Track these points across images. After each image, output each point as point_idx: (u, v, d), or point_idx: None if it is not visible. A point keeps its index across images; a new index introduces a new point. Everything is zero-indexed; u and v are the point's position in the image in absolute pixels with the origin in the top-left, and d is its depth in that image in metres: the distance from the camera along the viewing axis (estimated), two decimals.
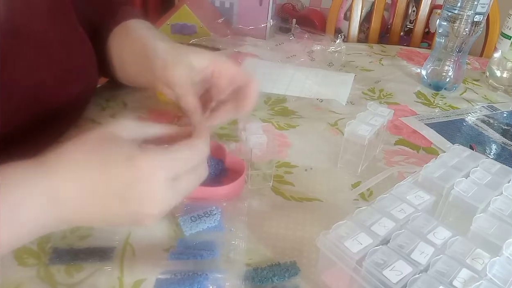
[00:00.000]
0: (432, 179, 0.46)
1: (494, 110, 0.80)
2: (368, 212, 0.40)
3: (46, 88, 0.51)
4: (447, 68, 0.83)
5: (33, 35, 0.50)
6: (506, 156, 0.66)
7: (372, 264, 0.34)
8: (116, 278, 0.39)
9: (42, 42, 0.51)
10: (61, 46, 0.54)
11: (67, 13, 0.56)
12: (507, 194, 0.44)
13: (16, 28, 0.48)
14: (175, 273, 0.39)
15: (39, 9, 0.51)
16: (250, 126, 0.53)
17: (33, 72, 0.50)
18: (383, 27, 1.46)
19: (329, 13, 1.27)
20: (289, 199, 0.52)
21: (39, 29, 0.51)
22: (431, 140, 0.68)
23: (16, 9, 0.47)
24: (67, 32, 0.56)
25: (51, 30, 0.52)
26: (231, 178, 0.52)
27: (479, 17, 0.76)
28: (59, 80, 0.53)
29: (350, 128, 0.54)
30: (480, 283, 0.33)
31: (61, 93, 0.54)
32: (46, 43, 0.52)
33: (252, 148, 0.50)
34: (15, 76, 0.48)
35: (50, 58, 0.52)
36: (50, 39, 0.52)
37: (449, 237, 0.38)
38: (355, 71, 0.90)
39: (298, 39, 0.97)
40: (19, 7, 0.48)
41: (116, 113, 0.66)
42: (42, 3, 0.51)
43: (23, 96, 0.48)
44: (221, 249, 0.43)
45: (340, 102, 0.76)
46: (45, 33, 0.51)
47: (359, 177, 0.57)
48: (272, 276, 0.40)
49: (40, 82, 0.51)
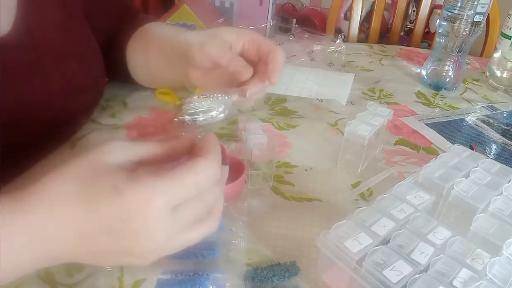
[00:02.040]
0: (432, 179, 0.46)
1: (494, 110, 0.80)
2: (368, 212, 0.40)
3: (59, 99, 0.53)
4: (447, 68, 0.83)
5: (49, 47, 0.51)
6: (506, 156, 0.66)
7: (372, 264, 0.34)
8: (116, 278, 0.39)
9: (57, 54, 0.52)
10: (75, 58, 0.55)
11: (80, 25, 0.57)
12: (507, 194, 0.44)
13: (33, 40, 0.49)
14: (176, 273, 0.39)
15: (55, 22, 0.52)
16: (250, 126, 0.53)
17: (48, 83, 0.51)
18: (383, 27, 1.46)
19: (329, 13, 1.27)
20: (289, 199, 0.52)
21: (55, 41, 0.52)
22: (431, 140, 0.68)
23: (33, 22, 0.48)
24: (81, 43, 0.57)
25: (65, 42, 0.53)
26: (231, 178, 0.52)
27: (479, 17, 0.76)
28: (71, 90, 0.54)
29: (350, 128, 0.54)
30: (480, 283, 0.33)
31: (72, 102, 0.55)
32: (61, 55, 0.53)
33: (252, 148, 0.50)
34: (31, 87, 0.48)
35: (64, 69, 0.53)
36: (65, 51, 0.53)
37: (449, 237, 0.38)
38: (355, 71, 0.90)
39: (298, 39, 0.97)
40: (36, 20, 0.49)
41: (116, 113, 0.66)
42: (57, 16, 0.52)
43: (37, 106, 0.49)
44: (222, 248, 0.43)
45: (340, 102, 0.76)
46: (60, 45, 0.52)
47: (359, 177, 0.57)
48: (272, 276, 0.40)
49: (54, 92, 0.52)
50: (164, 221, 0.31)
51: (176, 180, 0.31)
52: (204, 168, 0.32)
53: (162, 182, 0.31)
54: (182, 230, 0.33)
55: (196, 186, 0.32)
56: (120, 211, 0.30)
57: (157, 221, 0.31)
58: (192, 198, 0.32)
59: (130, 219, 0.30)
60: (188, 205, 0.32)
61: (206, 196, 0.33)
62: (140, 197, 0.30)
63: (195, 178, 0.32)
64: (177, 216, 0.32)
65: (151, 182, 0.30)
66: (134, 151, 0.34)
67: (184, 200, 0.32)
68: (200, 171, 0.32)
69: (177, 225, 0.32)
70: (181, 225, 0.32)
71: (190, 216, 0.33)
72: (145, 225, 0.31)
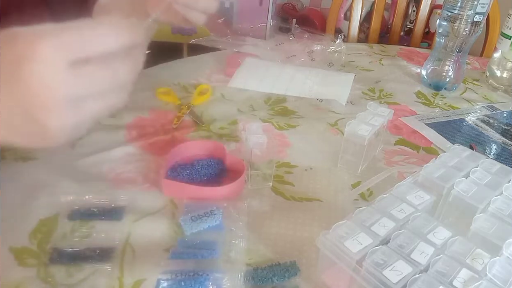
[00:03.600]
0: (432, 179, 0.46)
1: (494, 110, 0.80)
2: (368, 212, 0.40)
3: None
4: (447, 68, 0.83)
5: None
6: (506, 156, 0.66)
7: (372, 264, 0.34)
8: (116, 278, 0.39)
9: None
10: None
11: None
12: (507, 194, 0.44)
13: None
14: (176, 273, 0.39)
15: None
16: (250, 126, 0.53)
17: None
18: (383, 27, 1.46)
19: (329, 13, 1.27)
20: (289, 199, 0.52)
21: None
22: (431, 140, 0.68)
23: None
24: None
25: None
26: (231, 178, 0.52)
27: (479, 17, 0.76)
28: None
29: (350, 128, 0.54)
30: (480, 283, 0.33)
31: None
32: None
33: (252, 148, 0.50)
34: None
35: None
36: None
37: (449, 237, 0.38)
38: (355, 71, 0.90)
39: (298, 39, 0.97)
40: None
41: (116, 113, 0.66)
42: None
43: None
44: (222, 248, 0.43)
45: (340, 102, 0.76)
46: None
47: (359, 177, 0.57)
48: (272, 276, 0.40)
49: None
50: (56, 67, 0.28)
51: (73, 27, 0.29)
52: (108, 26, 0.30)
53: (59, 28, 0.28)
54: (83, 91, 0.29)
55: (97, 40, 0.29)
56: (10, 54, 0.28)
57: (49, 65, 0.28)
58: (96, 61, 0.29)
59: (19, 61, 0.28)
60: (90, 66, 0.29)
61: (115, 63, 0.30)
62: (28, 38, 0.28)
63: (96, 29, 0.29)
64: (76, 72, 0.28)
65: (48, 27, 0.28)
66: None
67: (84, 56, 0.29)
68: (104, 26, 0.29)
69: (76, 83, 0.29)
70: (80, 85, 0.29)
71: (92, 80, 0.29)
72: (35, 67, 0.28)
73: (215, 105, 0.71)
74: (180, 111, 0.67)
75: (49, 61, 0.28)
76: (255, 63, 0.87)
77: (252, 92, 0.77)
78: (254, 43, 0.98)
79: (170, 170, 0.53)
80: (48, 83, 0.28)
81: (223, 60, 0.88)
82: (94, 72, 0.29)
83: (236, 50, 0.94)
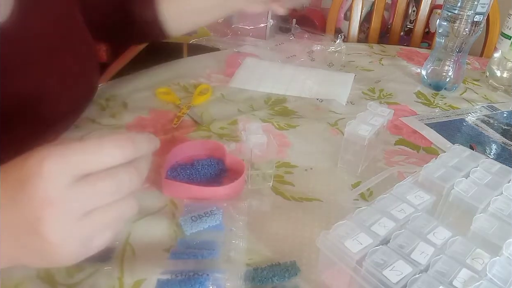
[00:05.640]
0: (432, 179, 0.46)
1: (494, 110, 0.80)
2: (368, 212, 0.40)
3: (52, 93, 0.52)
4: (447, 68, 0.83)
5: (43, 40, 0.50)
6: (506, 156, 0.66)
7: (372, 264, 0.34)
8: (116, 278, 0.39)
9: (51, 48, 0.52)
10: (68, 50, 0.54)
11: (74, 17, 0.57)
12: (507, 194, 0.44)
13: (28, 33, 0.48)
14: (176, 274, 0.39)
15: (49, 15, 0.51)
16: (250, 126, 0.53)
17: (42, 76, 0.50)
18: (383, 27, 1.46)
19: (329, 13, 1.27)
20: (289, 199, 0.52)
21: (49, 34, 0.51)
22: (431, 140, 0.68)
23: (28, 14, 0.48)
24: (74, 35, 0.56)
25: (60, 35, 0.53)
26: (231, 178, 0.52)
27: (479, 17, 0.76)
28: (64, 84, 0.54)
29: (350, 128, 0.54)
30: (480, 283, 0.33)
31: (65, 96, 0.54)
32: (55, 48, 0.52)
33: (252, 148, 0.50)
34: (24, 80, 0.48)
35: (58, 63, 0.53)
36: (59, 44, 0.53)
37: (449, 237, 0.38)
38: (355, 71, 0.90)
39: (298, 39, 0.97)
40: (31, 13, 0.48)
41: (116, 113, 0.66)
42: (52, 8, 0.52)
43: (29, 100, 0.48)
44: (222, 248, 0.43)
45: (340, 102, 0.76)
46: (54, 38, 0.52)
47: (359, 177, 0.57)
48: (272, 276, 0.40)
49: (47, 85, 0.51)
50: (60, 183, 0.28)
51: (78, 145, 0.30)
52: (111, 141, 0.31)
53: (63, 145, 0.29)
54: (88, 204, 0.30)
55: (100, 155, 0.30)
56: (19, 173, 0.29)
57: (53, 181, 0.28)
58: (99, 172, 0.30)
59: (26, 178, 0.29)
60: (94, 176, 0.30)
61: (119, 174, 0.31)
62: (37, 157, 0.29)
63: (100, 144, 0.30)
64: (81, 187, 0.29)
65: (52, 146, 0.29)
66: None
67: (88, 169, 0.30)
68: (106, 141, 0.30)
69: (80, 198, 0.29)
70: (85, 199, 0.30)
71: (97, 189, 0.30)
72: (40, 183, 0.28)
73: (215, 105, 0.71)
74: (180, 111, 0.67)
75: (53, 177, 0.28)
76: (255, 63, 0.87)
77: (252, 92, 0.77)
78: (254, 43, 0.98)
79: (170, 170, 0.53)
80: (51, 198, 0.28)
81: (223, 60, 0.88)
82: (98, 184, 0.30)
83: (236, 50, 0.94)
